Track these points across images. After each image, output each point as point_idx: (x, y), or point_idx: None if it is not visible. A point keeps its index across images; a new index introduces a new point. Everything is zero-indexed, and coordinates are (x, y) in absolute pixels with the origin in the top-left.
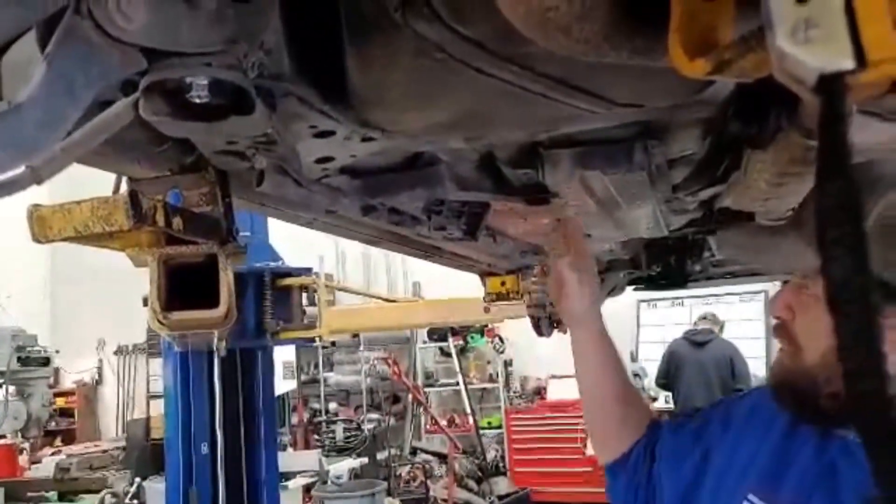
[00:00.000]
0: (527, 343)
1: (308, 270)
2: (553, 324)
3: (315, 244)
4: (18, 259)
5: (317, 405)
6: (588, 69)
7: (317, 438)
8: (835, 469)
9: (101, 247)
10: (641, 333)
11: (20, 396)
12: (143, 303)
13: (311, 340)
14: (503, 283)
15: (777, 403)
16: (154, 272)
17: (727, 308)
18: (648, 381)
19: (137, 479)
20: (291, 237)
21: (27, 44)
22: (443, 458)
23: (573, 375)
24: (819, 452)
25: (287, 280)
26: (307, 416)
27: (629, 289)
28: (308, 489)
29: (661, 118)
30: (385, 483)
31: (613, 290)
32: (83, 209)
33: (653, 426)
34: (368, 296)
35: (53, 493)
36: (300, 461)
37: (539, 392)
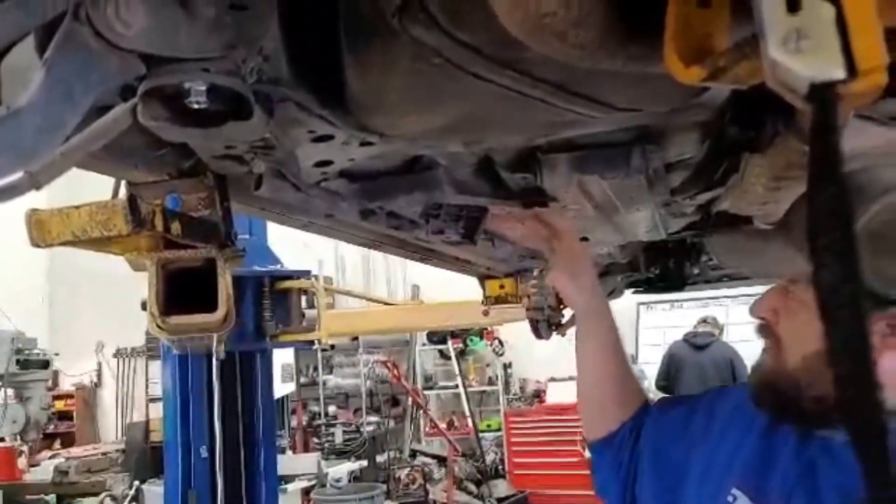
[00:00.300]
0: (526, 346)
1: (307, 273)
2: (552, 326)
3: (314, 247)
4: (17, 261)
5: (316, 408)
6: (586, 74)
7: (316, 441)
8: (814, 468)
9: (100, 251)
10: (641, 336)
11: (19, 399)
12: (142, 306)
13: (311, 343)
14: (502, 287)
15: (756, 405)
16: (152, 276)
17: (726, 311)
18: (648, 384)
19: (136, 483)
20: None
21: (26, 49)
22: (442, 461)
23: (572, 378)
24: (798, 452)
25: (286, 283)
26: (306, 419)
27: (628, 292)
28: (307, 492)
29: (659, 122)
30: (384, 486)
31: (612, 293)
32: (82, 213)
33: (642, 408)
34: (367, 299)
35: (52, 497)
36: (299, 464)
37: (538, 395)
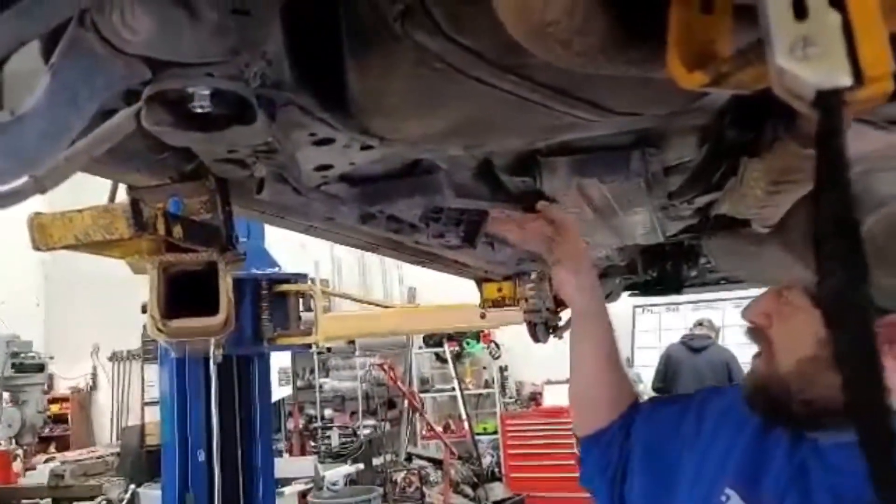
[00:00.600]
0: (522, 348)
1: (304, 276)
2: (549, 329)
3: (310, 248)
4: (12, 264)
5: (312, 411)
6: (587, 78)
7: (312, 444)
8: (806, 470)
9: (102, 255)
10: (637, 339)
11: (14, 403)
12: (143, 310)
13: (308, 346)
14: (500, 290)
15: (750, 408)
16: (154, 280)
17: (722, 314)
18: (644, 387)
19: (132, 486)
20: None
21: (28, 54)
22: (438, 464)
23: (569, 381)
24: (790, 454)
25: (284, 286)
26: (303, 423)
27: (624, 295)
28: (304, 495)
29: (659, 126)
30: (381, 489)
31: (610, 296)
32: (84, 217)
33: (633, 407)
34: (365, 302)
35: (48, 501)
36: (296, 467)
37: (534, 397)
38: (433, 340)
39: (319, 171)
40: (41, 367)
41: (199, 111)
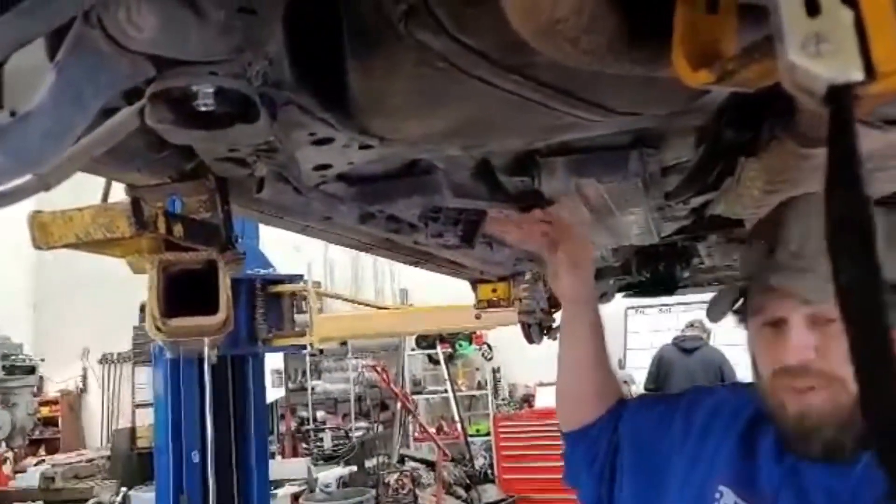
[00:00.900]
0: (515, 350)
1: (299, 277)
2: (543, 330)
3: (303, 249)
4: (2, 266)
5: (304, 413)
6: (590, 78)
7: (304, 447)
8: (796, 469)
9: (102, 253)
10: (629, 341)
11: (5, 405)
12: (141, 309)
13: (302, 347)
14: (494, 290)
15: (802, 450)
16: (153, 279)
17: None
18: (637, 388)
19: (123, 489)
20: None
21: (30, 53)
22: (431, 466)
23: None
24: (781, 452)
25: (278, 287)
26: (295, 425)
27: (618, 295)
28: (296, 497)
29: (657, 126)
30: (373, 491)
31: (604, 297)
32: (84, 216)
33: (619, 403)
34: (358, 303)
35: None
36: (288, 469)
37: (527, 399)
38: (426, 342)
39: (318, 171)
40: (32, 370)
41: (203, 109)
